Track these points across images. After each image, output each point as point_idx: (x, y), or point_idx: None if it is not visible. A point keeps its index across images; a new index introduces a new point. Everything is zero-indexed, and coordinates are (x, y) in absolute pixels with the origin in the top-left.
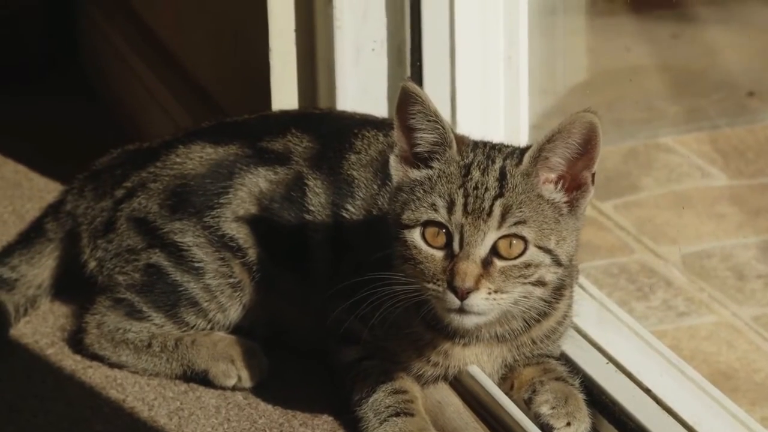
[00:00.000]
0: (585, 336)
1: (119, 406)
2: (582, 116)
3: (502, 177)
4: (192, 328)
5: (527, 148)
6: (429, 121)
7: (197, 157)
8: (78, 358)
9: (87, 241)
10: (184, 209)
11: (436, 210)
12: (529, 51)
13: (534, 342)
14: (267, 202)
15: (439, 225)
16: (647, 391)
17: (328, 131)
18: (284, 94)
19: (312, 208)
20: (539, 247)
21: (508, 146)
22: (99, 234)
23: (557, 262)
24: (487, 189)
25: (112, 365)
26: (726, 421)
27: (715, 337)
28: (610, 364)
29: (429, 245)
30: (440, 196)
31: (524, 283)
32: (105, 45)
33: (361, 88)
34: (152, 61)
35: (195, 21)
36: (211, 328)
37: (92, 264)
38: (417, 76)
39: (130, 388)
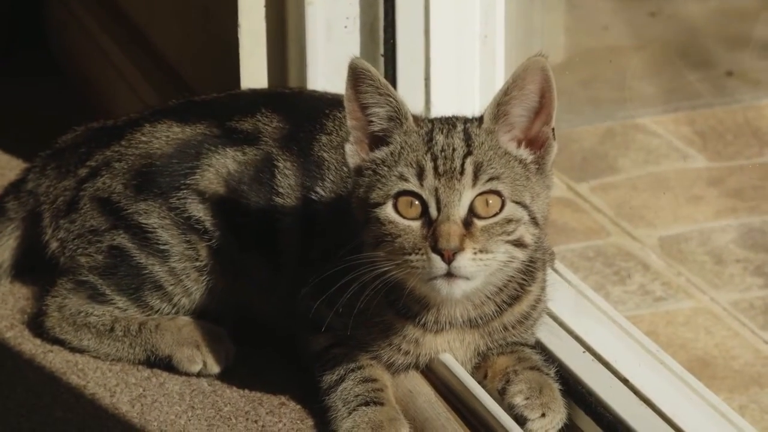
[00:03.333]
0: (561, 324)
1: (80, 392)
2: (534, 62)
3: (467, 137)
4: (156, 312)
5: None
6: (381, 95)
7: (164, 137)
8: (38, 342)
9: (49, 221)
10: (150, 190)
11: (406, 180)
12: (506, 29)
13: (506, 328)
14: (235, 184)
15: (411, 194)
16: (624, 381)
17: (299, 111)
18: (254, 72)
19: (281, 190)
20: (516, 202)
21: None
22: (61, 214)
23: (534, 221)
24: (454, 149)
25: (74, 350)
26: (704, 411)
27: (692, 322)
28: (587, 353)
29: (404, 217)
30: (407, 166)
31: (507, 242)
32: (71, 21)
33: (333, 65)
34: (119, 38)
35: None
36: (176, 313)
37: (54, 245)
38: (390, 54)
39: (91, 374)
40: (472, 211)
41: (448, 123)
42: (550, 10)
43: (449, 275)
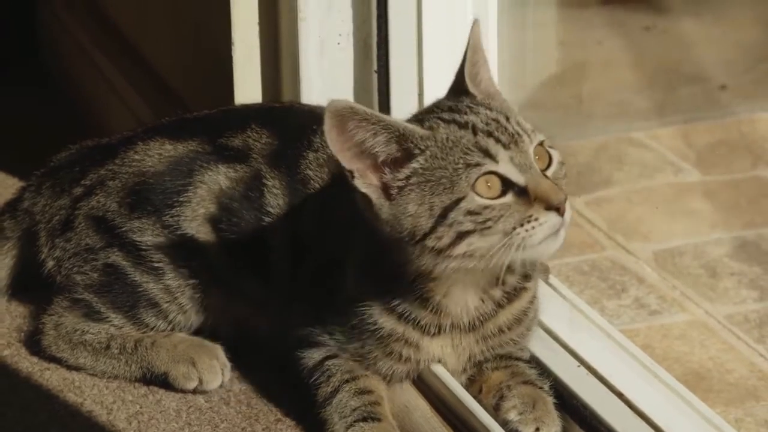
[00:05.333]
0: (556, 338)
1: (77, 409)
2: (472, 29)
3: (485, 106)
4: (152, 329)
5: (461, 78)
6: (376, 123)
7: (156, 154)
8: (35, 359)
9: (45, 240)
10: (143, 208)
11: (478, 165)
12: (499, 44)
13: (501, 330)
14: (227, 201)
15: (489, 174)
16: (619, 394)
17: (289, 127)
18: (247, 88)
19: (270, 209)
20: (551, 146)
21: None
22: (57, 233)
23: None
24: (495, 119)
25: (70, 367)
26: (699, 425)
27: (687, 336)
28: (582, 367)
29: (493, 198)
30: (467, 153)
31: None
32: (65, 36)
33: (327, 81)
34: (113, 53)
35: (157, 12)
36: (172, 329)
37: (50, 263)
38: (383, 69)
39: (88, 391)
40: None
41: (453, 107)
42: (543, 25)
43: (559, 228)
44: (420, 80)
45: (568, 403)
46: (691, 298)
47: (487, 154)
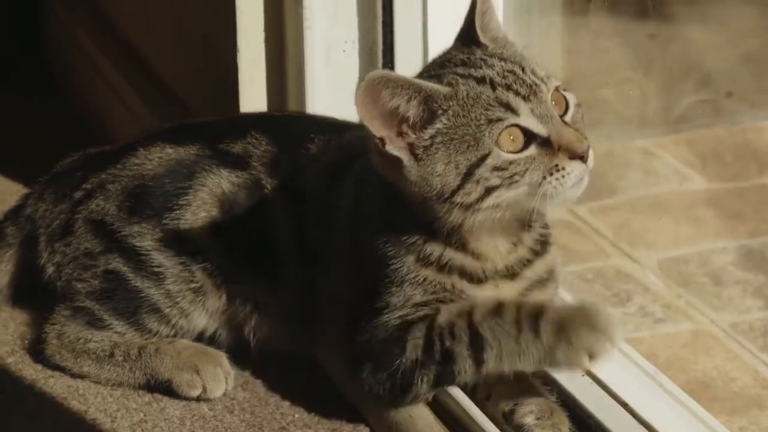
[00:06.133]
0: None
1: (81, 417)
2: None
3: (498, 56)
4: (155, 334)
5: (472, 28)
6: (409, 88)
7: (156, 158)
8: (39, 367)
9: (45, 245)
10: (143, 211)
11: (500, 119)
12: None
13: (540, 281)
14: (229, 205)
15: (513, 127)
16: (624, 404)
17: (288, 135)
18: (253, 95)
19: (271, 216)
20: (566, 89)
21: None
22: (56, 237)
23: None
24: (511, 70)
25: (74, 375)
26: None
27: (692, 344)
28: (586, 376)
29: (517, 152)
30: (488, 109)
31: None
32: (70, 43)
33: (332, 89)
34: (118, 60)
35: (162, 20)
36: (175, 335)
37: (50, 269)
38: None
39: (92, 399)
40: None
41: (467, 61)
42: (548, 32)
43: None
44: None
45: (572, 412)
46: (695, 307)
47: (508, 107)
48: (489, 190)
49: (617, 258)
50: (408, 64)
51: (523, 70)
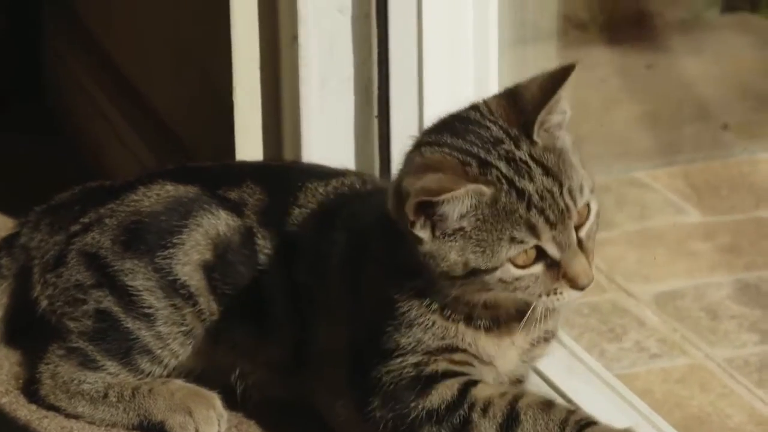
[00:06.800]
0: (552, 386)
1: None
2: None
3: (543, 167)
4: (148, 374)
5: (532, 120)
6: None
7: (155, 195)
8: (33, 407)
9: (38, 277)
10: (137, 247)
11: (522, 242)
12: (499, 83)
13: (544, 337)
14: (222, 251)
15: (531, 248)
16: None
17: (279, 184)
18: (248, 132)
19: (261, 266)
20: (592, 192)
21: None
22: (49, 268)
23: None
24: (550, 191)
25: (69, 416)
26: None
27: (687, 380)
28: None
29: (524, 268)
30: (514, 227)
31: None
32: (69, 79)
33: (327, 124)
34: (115, 95)
35: (160, 56)
36: (168, 375)
37: (44, 302)
38: (384, 113)
39: None
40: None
41: (512, 158)
42: (543, 63)
43: None
44: (421, 125)
45: None
46: (691, 342)
47: (534, 231)
48: (488, 290)
49: (613, 292)
50: (402, 100)
51: (560, 188)
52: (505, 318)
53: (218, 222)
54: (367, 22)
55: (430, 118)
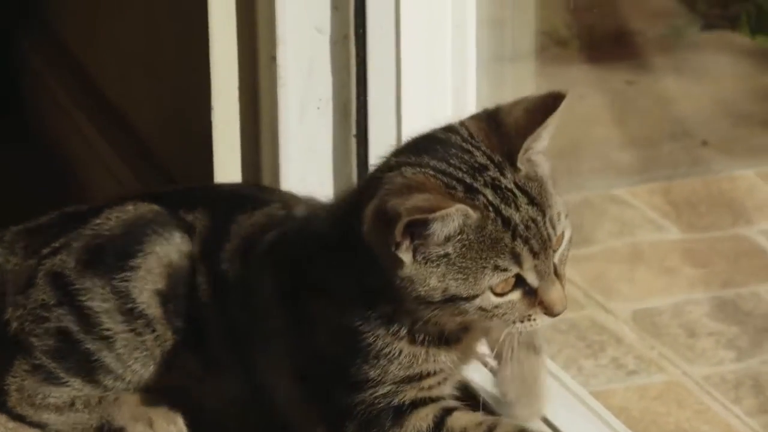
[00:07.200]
0: None
1: None
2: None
3: (527, 195)
4: (112, 390)
5: (517, 147)
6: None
7: (115, 217)
8: (2, 419)
9: (11, 299)
10: (96, 267)
11: (504, 270)
12: (478, 101)
13: None
14: (174, 281)
15: (512, 277)
16: None
17: (221, 215)
18: (226, 152)
19: (199, 296)
20: (566, 217)
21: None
22: (20, 290)
23: None
24: (534, 220)
25: (33, 425)
26: None
27: (665, 396)
28: None
29: (502, 296)
30: (498, 256)
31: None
32: (48, 98)
33: (306, 146)
34: (95, 116)
35: (139, 76)
36: (134, 390)
37: (14, 324)
38: (362, 135)
39: None
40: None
41: (498, 185)
42: (522, 80)
43: None
44: (398, 144)
45: None
46: (669, 359)
47: (517, 260)
48: (463, 315)
49: (591, 309)
50: (381, 122)
51: (543, 217)
52: (473, 333)
53: (170, 249)
54: (346, 42)
55: (408, 137)
